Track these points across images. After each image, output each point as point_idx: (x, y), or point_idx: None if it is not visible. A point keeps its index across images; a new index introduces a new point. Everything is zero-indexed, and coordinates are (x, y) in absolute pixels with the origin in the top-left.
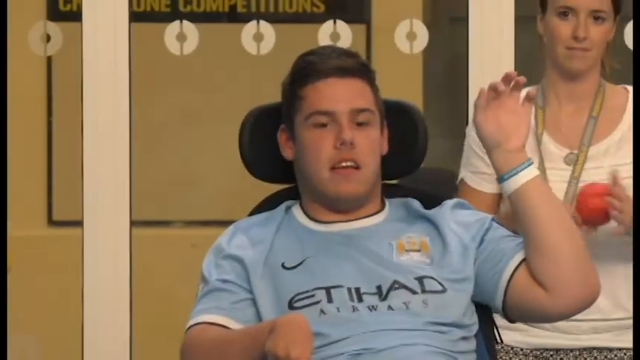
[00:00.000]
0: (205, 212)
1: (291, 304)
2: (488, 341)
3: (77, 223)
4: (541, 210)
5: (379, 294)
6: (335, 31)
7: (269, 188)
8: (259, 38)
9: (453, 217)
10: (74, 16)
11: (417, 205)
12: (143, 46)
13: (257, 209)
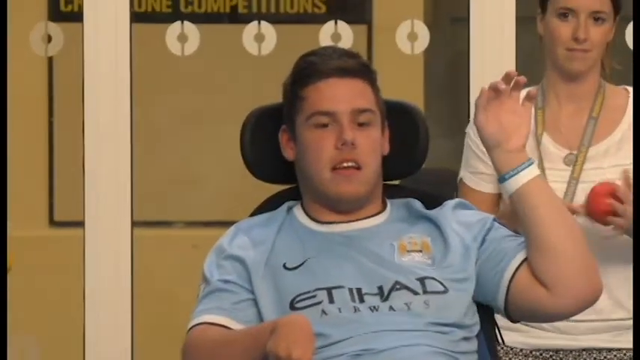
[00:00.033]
0: (206, 213)
1: (292, 305)
2: (489, 342)
3: (78, 224)
4: (542, 209)
5: (380, 295)
6: (336, 32)
7: (270, 189)
8: (260, 39)
9: (455, 218)
10: (75, 17)
11: (419, 206)
12: (144, 47)
13: (258, 210)
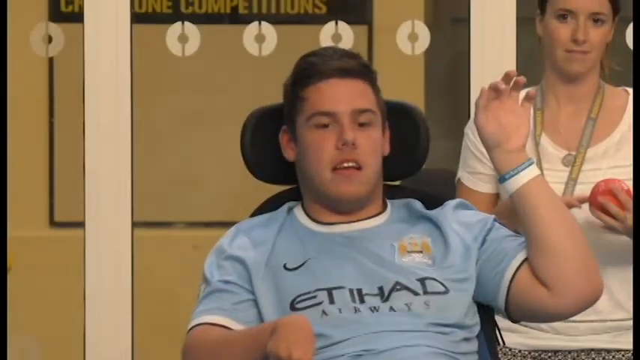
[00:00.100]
0: (207, 213)
1: (292, 305)
2: (490, 342)
3: (79, 224)
4: (542, 209)
5: (381, 295)
6: (337, 32)
7: (271, 189)
8: (261, 39)
9: (455, 218)
10: (76, 17)
11: (419, 206)
12: (145, 48)
13: (259, 210)
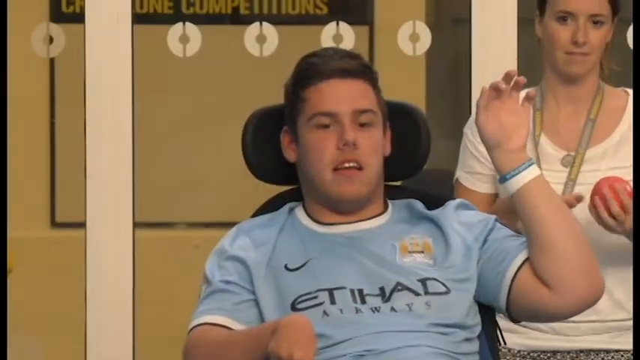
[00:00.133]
0: (208, 214)
1: (293, 306)
2: (491, 343)
3: (80, 225)
4: (543, 209)
5: (382, 296)
6: (338, 33)
7: (272, 190)
8: (262, 40)
9: (457, 218)
10: (77, 18)
11: (420, 206)
12: (146, 48)
13: (260, 211)
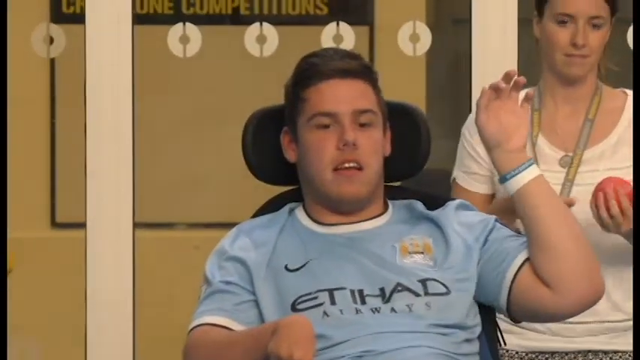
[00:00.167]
0: (208, 214)
1: (294, 306)
2: (491, 343)
3: (80, 225)
4: (543, 209)
5: (382, 296)
6: (338, 33)
7: (272, 190)
8: (262, 40)
9: (457, 218)
10: (77, 18)
11: (420, 207)
12: (146, 49)
13: (260, 211)
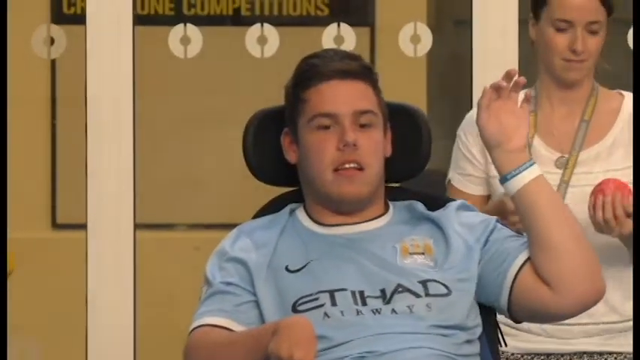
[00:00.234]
0: (209, 215)
1: (294, 307)
2: (491, 344)
3: (81, 226)
4: (543, 209)
5: (383, 297)
6: (339, 34)
7: (273, 191)
8: (263, 41)
9: (457, 219)
10: (78, 19)
11: (421, 208)
12: (147, 49)
13: (261, 212)
